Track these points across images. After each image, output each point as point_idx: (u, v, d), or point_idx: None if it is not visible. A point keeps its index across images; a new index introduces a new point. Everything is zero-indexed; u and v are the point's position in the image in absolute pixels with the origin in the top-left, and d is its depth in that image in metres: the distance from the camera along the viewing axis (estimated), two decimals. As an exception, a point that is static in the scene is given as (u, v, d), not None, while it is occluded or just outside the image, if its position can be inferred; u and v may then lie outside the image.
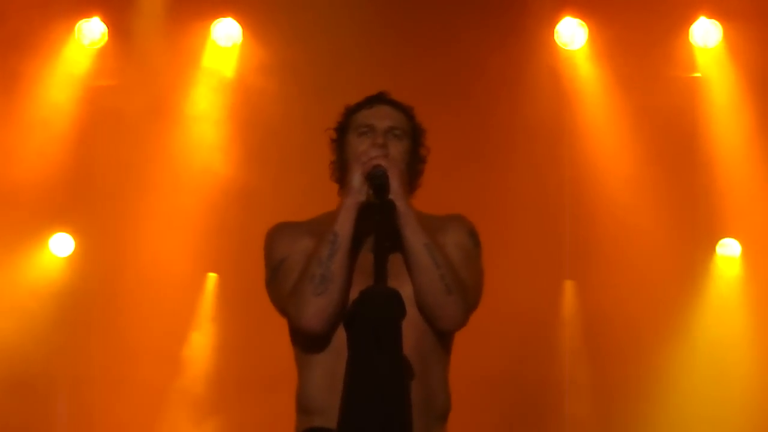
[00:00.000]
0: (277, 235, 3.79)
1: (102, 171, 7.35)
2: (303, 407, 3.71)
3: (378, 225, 3.50)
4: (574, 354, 7.34)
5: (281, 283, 3.70)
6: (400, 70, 6.91)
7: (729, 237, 7.30)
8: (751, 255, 7.30)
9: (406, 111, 3.85)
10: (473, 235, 3.79)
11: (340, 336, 3.41)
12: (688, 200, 7.27)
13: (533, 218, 7.23)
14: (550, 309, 7.33)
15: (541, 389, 7.29)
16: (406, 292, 3.53)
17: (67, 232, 7.42)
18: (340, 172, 3.79)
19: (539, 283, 7.21)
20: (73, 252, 7.42)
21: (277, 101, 7.25)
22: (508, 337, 6.96)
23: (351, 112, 3.84)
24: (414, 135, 3.83)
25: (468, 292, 3.65)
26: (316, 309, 3.57)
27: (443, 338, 3.70)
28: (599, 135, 7.40)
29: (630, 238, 7.25)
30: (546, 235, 7.28)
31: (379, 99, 3.84)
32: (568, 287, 7.37)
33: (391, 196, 3.56)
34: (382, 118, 3.78)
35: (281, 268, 3.71)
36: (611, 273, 7.23)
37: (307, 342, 3.67)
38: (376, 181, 3.58)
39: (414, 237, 3.58)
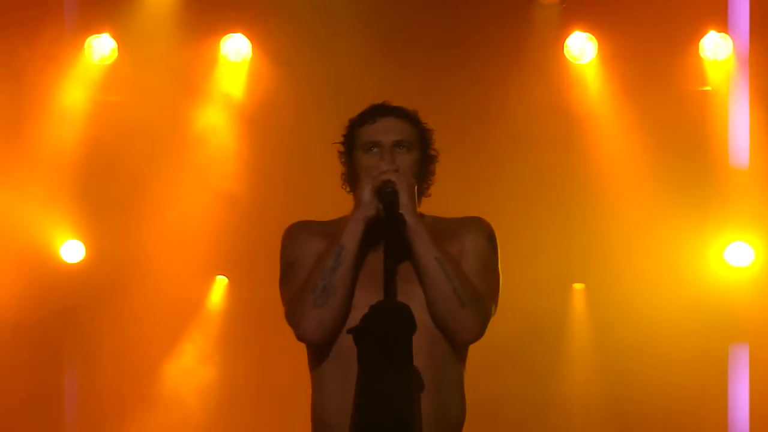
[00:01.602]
0: (291, 235, 3.77)
1: (112, 182, 7.41)
2: (317, 421, 3.71)
3: (388, 239, 3.48)
4: (583, 357, 7.34)
5: (288, 288, 3.69)
6: (409, 84, 6.92)
7: (739, 242, 7.29)
8: (760, 260, 7.30)
9: (411, 117, 3.79)
10: (492, 239, 3.76)
11: (352, 349, 3.36)
12: (698, 208, 7.26)
13: (544, 222, 7.25)
14: (560, 312, 7.35)
15: (550, 392, 7.30)
16: (418, 299, 3.54)
17: (77, 239, 7.45)
18: (351, 186, 3.76)
19: (549, 286, 7.25)
20: (84, 258, 7.45)
21: (286, 114, 7.27)
22: (516, 340, 6.97)
23: (355, 125, 3.79)
24: (421, 140, 3.78)
25: (483, 303, 3.63)
26: (315, 320, 3.57)
27: (457, 346, 3.68)
28: (609, 147, 7.40)
29: (640, 242, 7.26)
30: (556, 238, 7.29)
31: (381, 110, 3.77)
32: (578, 290, 7.39)
33: (401, 211, 3.54)
34: (387, 132, 3.73)
35: (291, 271, 3.70)
36: (621, 276, 7.24)
37: (318, 355, 3.67)
38: (386, 197, 3.56)
39: (424, 251, 3.56)
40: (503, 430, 7.17)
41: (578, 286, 7.41)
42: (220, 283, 7.50)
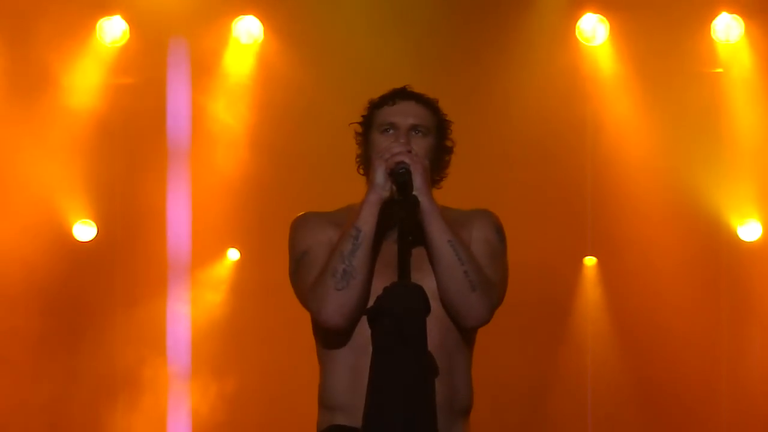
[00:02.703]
0: (300, 226, 3.76)
1: (124, 164, 7.44)
2: (325, 404, 3.70)
3: (402, 221, 3.46)
4: (594, 331, 7.38)
5: (303, 276, 3.66)
6: (420, 65, 6.93)
7: (751, 219, 7.31)
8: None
9: (431, 105, 3.77)
10: (499, 231, 3.75)
11: (363, 332, 3.38)
12: (710, 187, 7.26)
13: (555, 198, 7.28)
14: (571, 287, 7.37)
15: (561, 367, 7.33)
16: (430, 285, 3.52)
17: (89, 218, 7.50)
18: (365, 167, 3.74)
19: (560, 260, 7.28)
20: (95, 237, 7.51)
21: (297, 97, 7.28)
22: (528, 315, 7.00)
23: (374, 106, 3.78)
24: (439, 129, 3.76)
25: (493, 289, 3.62)
26: (337, 304, 3.55)
27: (467, 333, 3.68)
28: (621, 128, 7.40)
29: (651, 217, 7.27)
30: (568, 213, 7.32)
31: (402, 94, 3.76)
32: (589, 265, 7.41)
33: (414, 193, 3.53)
34: (404, 115, 3.71)
35: (303, 261, 3.68)
36: (632, 251, 7.26)
37: (329, 338, 3.66)
38: (400, 178, 3.54)
39: (438, 233, 3.55)
40: (515, 402, 7.21)
41: (590, 261, 7.43)
42: (232, 256, 7.53)
